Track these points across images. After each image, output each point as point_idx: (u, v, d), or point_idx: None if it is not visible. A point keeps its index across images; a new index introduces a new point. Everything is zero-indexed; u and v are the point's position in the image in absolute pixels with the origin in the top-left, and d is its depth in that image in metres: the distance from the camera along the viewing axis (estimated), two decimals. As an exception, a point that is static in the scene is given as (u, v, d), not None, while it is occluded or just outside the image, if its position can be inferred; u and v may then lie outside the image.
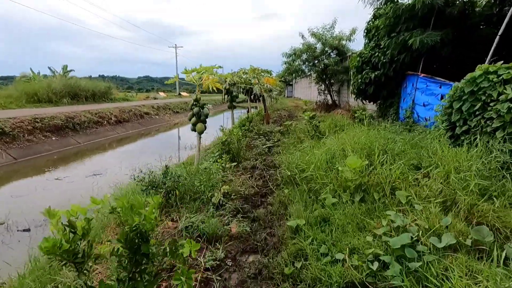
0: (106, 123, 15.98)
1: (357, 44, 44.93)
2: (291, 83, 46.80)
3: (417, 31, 6.87)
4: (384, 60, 8.17)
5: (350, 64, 9.66)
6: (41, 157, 10.36)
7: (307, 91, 32.74)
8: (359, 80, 8.91)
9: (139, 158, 9.40)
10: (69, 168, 9.20)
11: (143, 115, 20.56)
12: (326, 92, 18.20)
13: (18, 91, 18.04)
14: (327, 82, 17.73)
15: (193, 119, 4.97)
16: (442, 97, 6.29)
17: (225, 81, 7.53)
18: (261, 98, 11.59)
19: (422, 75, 7.15)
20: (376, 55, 8.49)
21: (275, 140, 7.53)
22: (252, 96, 10.67)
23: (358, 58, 9.13)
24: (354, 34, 17.21)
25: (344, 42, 17.07)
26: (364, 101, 9.60)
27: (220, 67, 7.24)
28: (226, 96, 8.02)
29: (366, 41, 9.69)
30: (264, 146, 6.74)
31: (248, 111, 10.90)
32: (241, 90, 11.02)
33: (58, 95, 19.16)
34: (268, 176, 4.78)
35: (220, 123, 11.08)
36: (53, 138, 11.93)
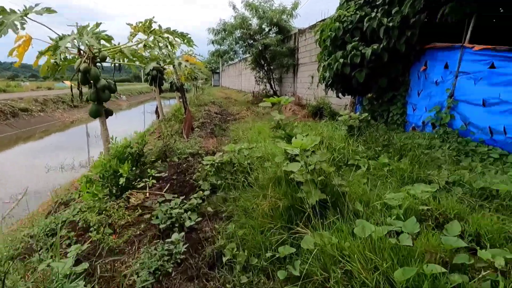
0: None
1: (301, 22, 40.23)
2: (217, 71, 42.33)
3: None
4: (391, 24, 4.78)
5: (321, 34, 6.08)
6: None
7: (237, 79, 28.97)
8: (341, 60, 5.40)
9: None
10: None
11: (18, 113, 14.37)
12: (265, 80, 14.62)
13: None
14: (266, 68, 14.15)
15: None
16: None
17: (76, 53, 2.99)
18: (180, 89, 7.38)
19: (478, 47, 3.93)
20: (373, 16, 5.05)
21: (212, 212, 2.61)
22: (160, 85, 6.32)
23: (336, 24, 5.58)
24: (296, 8, 13.95)
25: (285, 17, 13.67)
26: (341, 93, 6.18)
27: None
28: (82, 89, 3.31)
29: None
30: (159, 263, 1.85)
31: (157, 113, 6.52)
32: (146, 77, 6.64)
33: None
34: None
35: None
36: None
